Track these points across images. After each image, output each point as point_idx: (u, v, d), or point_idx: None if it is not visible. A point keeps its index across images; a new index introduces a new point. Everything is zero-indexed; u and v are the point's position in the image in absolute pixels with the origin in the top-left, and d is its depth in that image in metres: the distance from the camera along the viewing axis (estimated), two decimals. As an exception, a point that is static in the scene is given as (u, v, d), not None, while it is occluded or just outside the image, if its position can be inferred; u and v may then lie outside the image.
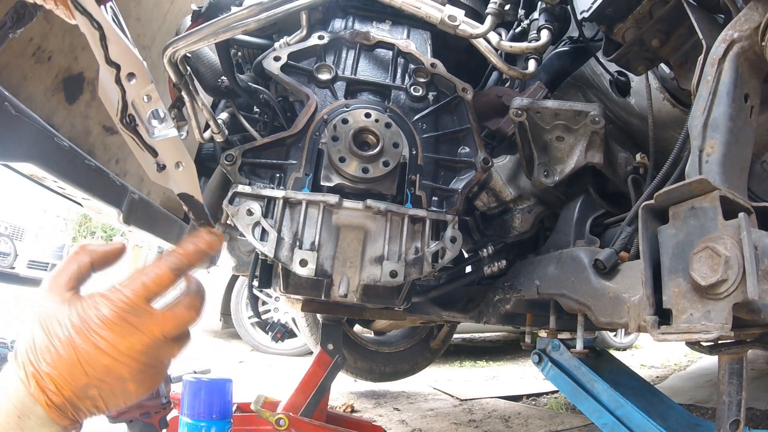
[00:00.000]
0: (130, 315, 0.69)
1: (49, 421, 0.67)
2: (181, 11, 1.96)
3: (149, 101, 0.67)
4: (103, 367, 0.68)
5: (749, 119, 1.03)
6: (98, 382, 0.68)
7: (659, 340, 0.91)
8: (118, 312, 0.68)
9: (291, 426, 1.70)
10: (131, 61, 0.66)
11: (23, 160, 1.29)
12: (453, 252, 1.26)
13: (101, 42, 0.64)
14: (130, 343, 0.68)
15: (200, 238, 0.77)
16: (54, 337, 0.67)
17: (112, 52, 0.65)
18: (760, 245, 0.83)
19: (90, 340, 0.67)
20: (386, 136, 1.27)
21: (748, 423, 2.47)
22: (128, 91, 0.66)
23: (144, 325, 0.69)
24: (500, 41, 1.46)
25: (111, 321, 0.68)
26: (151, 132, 0.69)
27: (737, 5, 1.04)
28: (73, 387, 0.67)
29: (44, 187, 1.52)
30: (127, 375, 0.69)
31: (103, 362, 0.67)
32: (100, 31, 0.64)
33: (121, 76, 0.66)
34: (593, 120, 1.33)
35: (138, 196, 1.85)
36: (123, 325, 0.68)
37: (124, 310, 0.68)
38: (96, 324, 0.67)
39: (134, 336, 0.69)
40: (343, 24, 1.55)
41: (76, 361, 0.66)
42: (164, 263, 0.73)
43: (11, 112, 1.20)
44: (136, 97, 0.66)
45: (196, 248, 0.76)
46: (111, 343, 0.67)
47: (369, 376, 3.38)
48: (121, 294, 0.70)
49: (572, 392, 1.74)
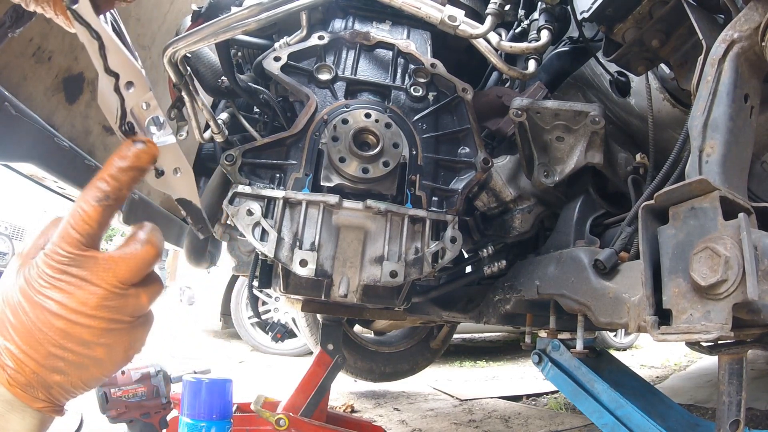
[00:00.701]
0: (69, 266, 0.59)
1: (18, 405, 0.59)
2: (181, 11, 1.96)
3: (148, 108, 0.67)
4: (59, 330, 0.58)
5: (749, 119, 1.03)
6: (59, 350, 0.59)
7: (659, 340, 0.91)
8: (56, 265, 0.59)
9: (291, 426, 1.70)
10: (130, 69, 0.66)
11: (23, 160, 1.30)
12: (453, 252, 1.26)
13: (100, 52, 0.64)
14: (80, 297, 0.59)
15: (124, 152, 0.63)
16: (7, 308, 0.59)
17: (110, 62, 0.65)
18: (760, 245, 0.83)
19: (36, 302, 0.58)
20: (386, 137, 1.27)
21: (748, 423, 2.46)
22: (127, 100, 0.66)
23: (91, 273, 0.60)
24: (500, 41, 1.46)
25: (52, 276, 0.59)
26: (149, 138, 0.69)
27: (737, 5, 1.04)
28: (33, 360, 0.58)
29: (44, 187, 1.52)
30: (90, 337, 0.60)
31: (57, 325, 0.58)
32: (99, 41, 0.64)
33: (120, 85, 0.66)
34: (593, 120, 1.33)
35: (138, 196, 1.85)
36: (66, 278, 0.59)
37: (61, 263, 0.59)
38: (39, 284, 0.59)
39: (83, 288, 0.59)
40: (343, 24, 1.55)
41: (29, 329, 0.58)
42: (86, 195, 0.61)
43: (11, 112, 1.20)
44: (134, 105, 0.67)
45: (120, 167, 0.63)
46: (58, 302, 0.58)
47: (369, 376, 3.38)
48: (55, 245, 0.59)
49: (572, 392, 1.74)
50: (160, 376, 1.68)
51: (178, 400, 1.50)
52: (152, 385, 1.66)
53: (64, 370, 0.60)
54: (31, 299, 0.59)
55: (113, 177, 0.62)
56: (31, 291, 0.59)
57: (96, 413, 1.68)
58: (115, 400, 1.61)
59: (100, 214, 0.61)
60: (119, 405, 1.61)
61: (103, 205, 0.61)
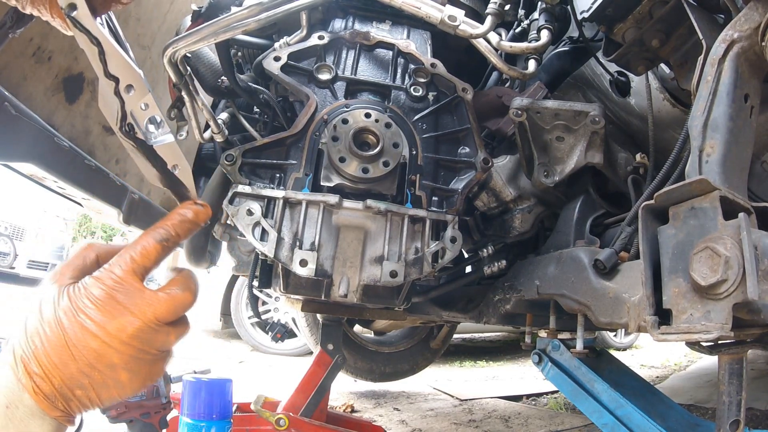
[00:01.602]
0: (118, 293, 0.64)
1: (38, 412, 0.62)
2: (181, 11, 1.96)
3: (147, 109, 0.69)
4: (92, 351, 0.63)
5: (749, 119, 1.03)
6: (88, 368, 0.63)
7: (659, 340, 0.91)
8: (105, 290, 0.64)
9: (291, 426, 1.70)
10: (129, 73, 0.68)
11: (23, 160, 1.30)
12: (453, 252, 1.26)
13: (100, 57, 0.66)
14: (120, 324, 0.64)
15: (186, 209, 0.73)
16: (44, 321, 0.63)
17: (110, 66, 0.66)
18: (760, 245, 0.83)
19: (77, 320, 0.63)
20: (386, 136, 1.27)
21: (748, 423, 2.46)
22: (127, 102, 0.68)
23: (135, 305, 0.65)
24: (500, 41, 1.46)
25: (98, 299, 0.63)
26: (148, 138, 0.70)
27: (737, 5, 1.04)
28: (61, 373, 0.63)
29: (44, 187, 1.52)
30: (118, 361, 0.64)
31: (92, 345, 0.63)
32: (99, 47, 0.65)
33: (120, 88, 0.67)
34: (593, 120, 1.33)
35: (138, 196, 1.85)
36: (111, 304, 0.64)
37: (112, 288, 0.64)
38: (83, 304, 0.63)
39: (124, 317, 0.64)
40: (343, 24, 1.55)
41: (63, 344, 0.62)
42: (150, 236, 0.69)
43: (11, 112, 1.20)
44: (134, 107, 0.68)
45: (182, 219, 0.72)
46: (99, 324, 0.63)
47: (369, 376, 3.38)
48: (109, 271, 0.65)
49: (572, 392, 1.74)
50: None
51: (178, 400, 1.50)
52: (152, 385, 1.66)
53: (87, 387, 0.65)
54: (73, 317, 0.63)
55: (175, 227, 0.71)
56: (74, 309, 0.63)
57: (96, 413, 1.68)
58: (115, 400, 1.61)
59: (159, 252, 0.69)
60: (119, 405, 1.61)
61: (162, 245, 0.69)
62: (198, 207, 0.74)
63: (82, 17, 0.64)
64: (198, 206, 0.74)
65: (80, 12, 0.64)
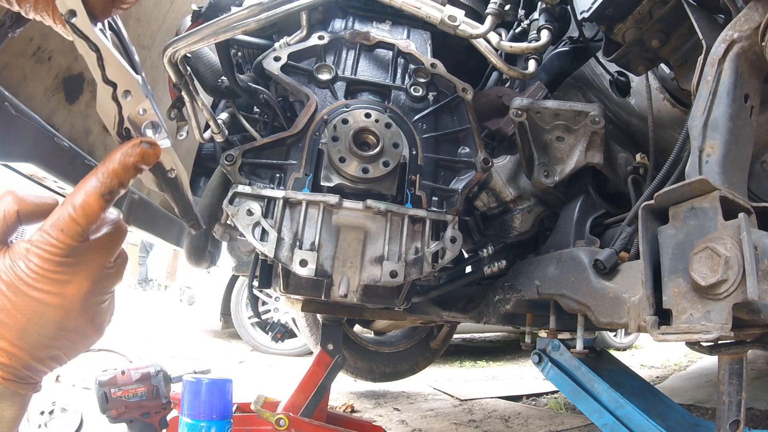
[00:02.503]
0: (66, 258, 0.59)
1: (8, 393, 0.59)
2: (181, 11, 1.96)
3: (144, 114, 0.69)
4: (56, 322, 0.60)
5: (749, 119, 1.03)
6: (55, 338, 0.61)
7: (659, 340, 0.91)
8: (51, 258, 0.58)
9: (291, 426, 1.70)
10: (127, 79, 0.68)
11: (23, 160, 1.30)
12: (453, 252, 1.26)
13: (98, 63, 0.66)
14: (77, 286, 0.60)
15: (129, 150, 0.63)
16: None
17: (108, 72, 0.67)
18: (760, 245, 0.83)
19: (32, 297, 0.58)
20: (386, 137, 1.27)
21: (748, 423, 2.47)
22: (124, 107, 0.68)
23: (86, 262, 0.61)
24: (500, 41, 1.46)
25: (47, 270, 0.58)
26: None
27: (737, 5, 1.04)
28: (27, 353, 0.59)
29: (44, 187, 1.52)
30: (83, 320, 0.62)
31: (54, 317, 0.60)
32: (97, 53, 0.66)
33: (117, 94, 0.68)
34: (593, 120, 1.33)
35: (138, 196, 1.85)
36: (63, 270, 0.59)
37: (59, 254, 0.59)
38: (32, 278, 0.58)
39: (78, 276, 0.60)
40: (343, 24, 1.55)
41: (23, 325, 0.58)
42: (91, 188, 0.60)
43: (11, 112, 1.20)
44: (131, 111, 0.69)
45: (125, 162, 0.62)
46: (57, 294, 0.59)
47: (369, 376, 3.38)
48: (50, 237, 0.59)
49: (572, 392, 1.74)
50: (160, 376, 1.68)
51: (178, 400, 1.50)
52: (152, 385, 1.66)
53: (55, 354, 0.62)
54: (24, 294, 0.58)
55: (116, 173, 0.61)
56: (23, 285, 0.58)
57: (96, 413, 1.68)
58: (115, 400, 1.61)
59: (102, 208, 0.61)
60: (119, 405, 1.61)
61: (106, 199, 0.61)
62: (145, 147, 0.63)
63: (82, 24, 0.65)
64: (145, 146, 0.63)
65: (80, 19, 0.64)
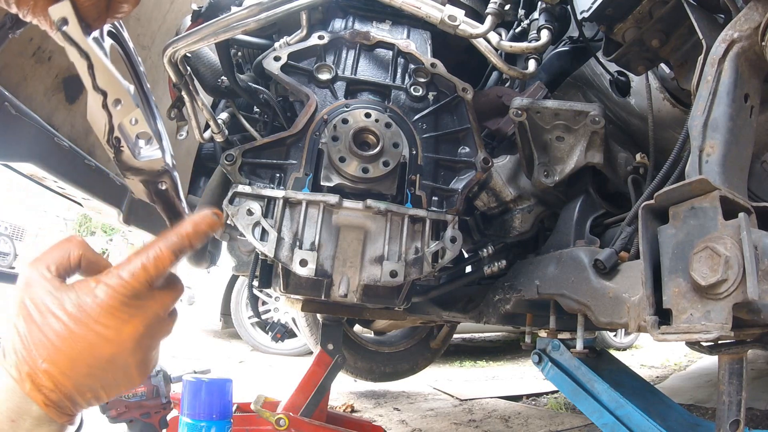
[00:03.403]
0: (131, 299, 0.65)
1: (46, 420, 0.62)
2: (181, 11, 1.96)
3: (136, 124, 0.70)
4: (107, 356, 0.64)
5: (749, 119, 1.03)
6: (102, 372, 0.64)
7: (659, 340, 0.91)
8: (119, 297, 0.64)
9: (291, 426, 1.69)
10: (117, 88, 0.69)
11: (23, 160, 1.30)
12: (453, 252, 1.26)
13: (89, 71, 0.66)
14: (134, 327, 0.65)
15: (201, 218, 0.72)
16: (49, 330, 0.62)
17: (99, 80, 0.67)
18: (760, 245, 0.83)
19: (91, 329, 0.62)
20: (386, 136, 1.26)
21: (748, 423, 2.47)
22: (114, 116, 0.69)
23: (146, 308, 0.66)
24: (500, 41, 1.46)
25: (112, 306, 0.63)
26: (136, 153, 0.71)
27: (737, 5, 1.04)
28: (73, 382, 0.62)
29: (44, 187, 1.52)
30: (132, 361, 0.66)
31: (107, 352, 0.63)
32: (88, 61, 0.66)
33: (107, 102, 0.68)
34: (593, 120, 1.33)
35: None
36: (125, 310, 0.64)
37: (126, 295, 0.64)
38: (96, 312, 0.63)
39: (137, 319, 0.65)
40: (343, 24, 1.55)
41: (76, 354, 0.62)
42: (164, 244, 0.67)
43: (11, 112, 1.21)
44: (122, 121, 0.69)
45: (197, 228, 0.70)
46: (115, 330, 0.63)
47: (369, 376, 3.38)
48: (121, 278, 0.64)
49: (572, 392, 1.74)
50: (160, 376, 1.68)
51: (178, 400, 1.50)
52: (152, 385, 1.66)
53: (97, 389, 0.65)
54: (85, 326, 0.62)
55: (189, 237, 0.69)
56: (85, 317, 0.62)
57: (96, 413, 1.68)
58: (115, 400, 1.61)
59: (171, 262, 0.68)
60: (119, 405, 1.61)
61: (175, 255, 0.68)
62: (214, 218, 0.72)
63: (73, 31, 0.65)
64: (214, 216, 0.72)
65: (71, 27, 0.65)
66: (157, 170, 0.73)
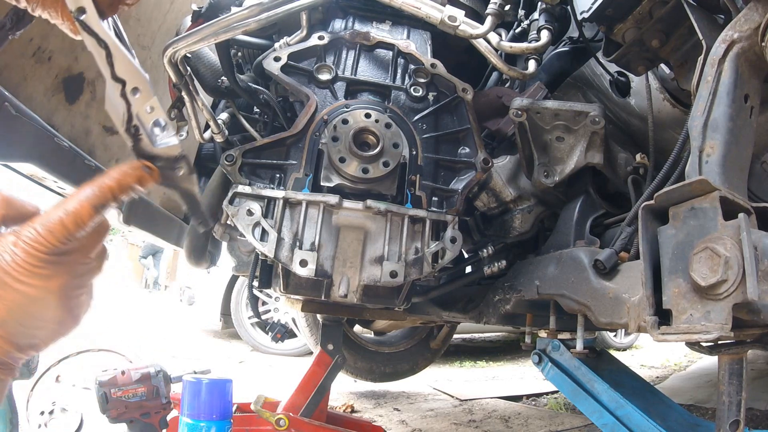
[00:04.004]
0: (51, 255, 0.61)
1: None
2: (181, 11, 1.96)
3: (152, 112, 0.70)
4: (37, 312, 0.63)
5: (749, 119, 1.03)
6: (35, 326, 0.63)
7: (659, 340, 0.91)
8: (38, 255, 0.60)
9: (291, 426, 1.69)
10: (135, 76, 0.69)
11: (23, 160, 1.30)
12: (453, 252, 1.26)
13: (107, 60, 0.67)
14: (59, 281, 0.62)
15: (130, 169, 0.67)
16: None
17: (117, 69, 0.67)
18: (760, 246, 0.83)
19: (15, 288, 0.60)
20: (386, 137, 1.27)
21: (748, 423, 2.47)
22: (133, 104, 0.68)
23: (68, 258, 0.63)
24: (500, 41, 1.46)
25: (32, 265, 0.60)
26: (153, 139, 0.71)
27: (737, 5, 1.04)
28: (8, 340, 0.61)
29: (44, 187, 1.52)
30: (62, 312, 0.64)
31: (35, 308, 0.62)
32: (107, 50, 0.66)
33: (126, 91, 0.68)
34: (593, 120, 1.33)
35: (138, 196, 1.85)
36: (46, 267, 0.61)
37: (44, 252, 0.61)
38: (16, 272, 0.60)
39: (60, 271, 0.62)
40: (343, 24, 1.55)
41: (5, 314, 0.60)
42: (85, 198, 0.63)
43: (11, 112, 1.21)
44: (140, 109, 0.69)
45: (122, 182, 0.65)
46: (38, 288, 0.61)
47: (369, 376, 3.38)
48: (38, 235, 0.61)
49: (572, 392, 1.74)
50: (160, 376, 1.68)
51: (178, 400, 1.50)
52: (152, 385, 1.66)
53: (35, 341, 0.64)
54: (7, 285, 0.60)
55: (112, 190, 0.65)
56: (6, 277, 0.60)
57: (96, 413, 1.68)
58: (115, 400, 1.61)
59: (92, 218, 0.63)
60: (119, 405, 1.61)
61: (97, 210, 0.63)
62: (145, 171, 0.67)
63: (91, 21, 0.65)
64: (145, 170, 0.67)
65: (89, 15, 0.65)
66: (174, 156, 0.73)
